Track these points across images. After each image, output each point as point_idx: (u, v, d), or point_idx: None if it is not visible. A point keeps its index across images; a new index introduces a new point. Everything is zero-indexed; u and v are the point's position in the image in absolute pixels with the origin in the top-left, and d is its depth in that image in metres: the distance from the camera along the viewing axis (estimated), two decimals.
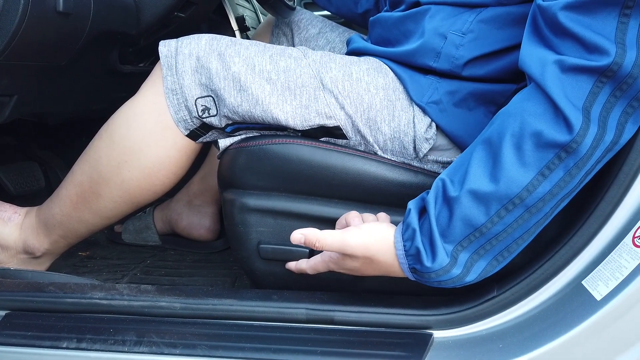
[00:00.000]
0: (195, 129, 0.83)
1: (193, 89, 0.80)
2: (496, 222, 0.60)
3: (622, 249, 0.61)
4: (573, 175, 0.58)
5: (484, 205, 0.59)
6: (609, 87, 0.56)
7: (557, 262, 0.65)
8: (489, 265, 0.62)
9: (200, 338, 0.68)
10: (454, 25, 0.77)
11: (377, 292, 0.78)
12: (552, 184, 0.58)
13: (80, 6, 0.84)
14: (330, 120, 0.79)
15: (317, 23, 1.17)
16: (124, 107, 0.85)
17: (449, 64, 0.77)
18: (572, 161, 0.57)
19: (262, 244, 0.79)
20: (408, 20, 0.84)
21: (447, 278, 0.62)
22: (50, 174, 1.39)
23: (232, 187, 0.81)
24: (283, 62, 0.79)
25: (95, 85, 1.09)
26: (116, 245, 1.25)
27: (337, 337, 0.68)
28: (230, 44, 0.81)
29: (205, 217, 1.21)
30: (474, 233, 0.61)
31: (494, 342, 0.65)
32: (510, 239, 0.61)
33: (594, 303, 0.61)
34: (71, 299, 0.74)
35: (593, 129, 0.56)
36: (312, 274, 0.73)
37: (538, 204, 0.59)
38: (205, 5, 1.14)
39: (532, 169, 0.58)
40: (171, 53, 0.81)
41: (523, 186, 0.58)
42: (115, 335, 0.68)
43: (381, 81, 0.80)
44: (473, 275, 0.62)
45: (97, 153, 0.86)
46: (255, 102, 0.78)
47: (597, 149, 0.57)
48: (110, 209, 0.89)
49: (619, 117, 0.57)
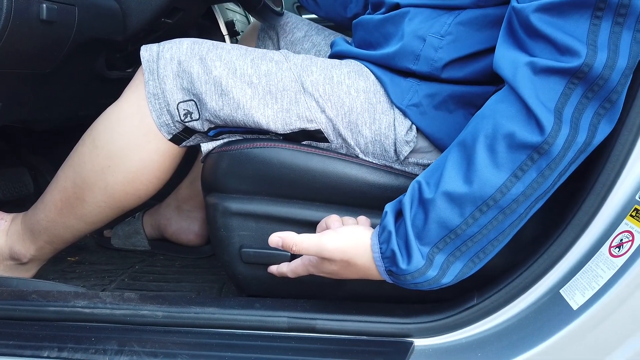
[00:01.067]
0: (178, 133, 0.83)
1: (175, 93, 0.80)
2: (471, 224, 0.60)
3: (599, 258, 0.61)
4: (546, 176, 0.58)
5: (458, 207, 0.60)
6: (581, 88, 0.56)
7: (536, 270, 0.65)
8: (465, 267, 0.63)
9: (181, 347, 0.68)
10: (433, 27, 0.78)
11: (359, 297, 0.78)
12: (525, 185, 0.58)
13: (65, 14, 0.84)
14: (312, 124, 0.79)
15: (302, 26, 1.17)
16: (106, 113, 0.86)
17: (428, 66, 0.77)
18: (545, 162, 0.57)
19: (244, 248, 0.79)
20: (388, 23, 0.84)
21: (423, 280, 0.62)
22: (40, 179, 1.39)
23: (214, 191, 0.82)
24: (264, 65, 0.80)
25: (82, 91, 1.09)
26: (105, 250, 1.25)
27: (318, 345, 0.69)
28: (211, 48, 0.81)
29: (194, 222, 1.22)
30: (449, 235, 0.61)
31: (473, 351, 0.65)
32: (485, 240, 0.61)
33: (570, 312, 0.61)
34: (54, 307, 0.74)
35: (565, 130, 0.56)
36: (293, 277, 0.73)
37: (512, 205, 0.59)
38: (193, 11, 1.14)
39: (505, 171, 0.58)
40: (153, 57, 0.81)
41: (496, 188, 0.58)
42: (97, 344, 0.68)
43: (362, 84, 0.80)
44: (449, 277, 0.63)
45: (80, 158, 0.87)
46: (237, 106, 0.78)
47: (570, 150, 0.57)
48: (95, 214, 0.89)
49: (591, 118, 0.57)
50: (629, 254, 0.59)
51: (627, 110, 0.60)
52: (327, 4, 1.24)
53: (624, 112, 0.60)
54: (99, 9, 0.92)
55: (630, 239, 0.59)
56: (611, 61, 0.54)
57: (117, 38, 0.99)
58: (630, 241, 0.59)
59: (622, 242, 0.60)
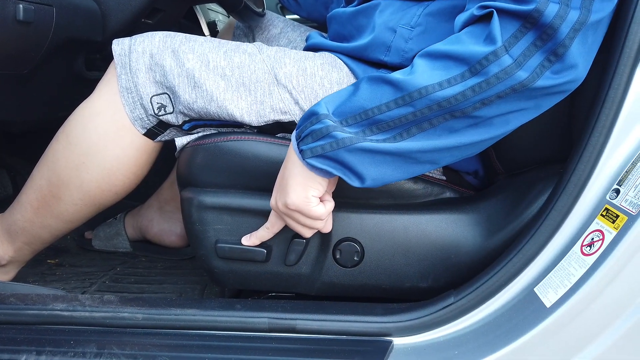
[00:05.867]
0: (152, 127, 0.83)
1: (148, 87, 0.80)
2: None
3: (571, 257, 0.63)
4: (467, 96, 0.58)
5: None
6: (532, 34, 0.56)
7: (511, 269, 0.66)
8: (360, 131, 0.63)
9: (161, 349, 0.68)
10: (403, 19, 0.79)
11: (336, 287, 0.79)
12: (447, 95, 0.58)
13: (42, 14, 0.83)
14: (285, 116, 0.80)
15: (278, 23, 1.17)
16: (79, 109, 0.85)
17: (399, 57, 0.78)
18: (476, 80, 0.57)
19: (219, 243, 0.79)
20: (360, 15, 0.85)
21: (321, 126, 0.63)
22: (19, 180, 1.37)
23: (189, 185, 0.82)
24: (237, 57, 0.80)
25: (61, 92, 1.08)
26: (86, 252, 1.24)
27: (298, 345, 0.69)
28: (184, 40, 0.81)
29: (176, 223, 1.21)
30: (360, 114, 0.63)
31: (451, 349, 0.66)
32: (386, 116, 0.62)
33: (543, 310, 0.62)
34: (32, 310, 0.74)
35: (507, 59, 0.56)
36: (271, 236, 0.75)
37: (424, 110, 0.60)
38: (173, 12, 1.14)
39: (435, 77, 0.59)
40: (124, 51, 0.81)
41: (421, 86, 0.59)
42: (76, 347, 0.68)
43: (335, 76, 0.81)
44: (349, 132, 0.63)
45: (54, 156, 0.86)
46: (210, 98, 0.78)
47: (504, 80, 0.57)
48: (71, 213, 0.88)
49: (536, 65, 0.57)
50: (600, 252, 0.60)
51: (597, 114, 0.61)
52: (308, 4, 1.25)
53: (594, 115, 0.61)
54: (77, 9, 0.92)
55: (600, 238, 0.61)
56: (562, 12, 0.55)
57: (96, 39, 0.99)
58: (601, 240, 0.61)
59: (593, 241, 0.61)
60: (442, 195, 0.80)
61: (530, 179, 0.76)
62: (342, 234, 0.77)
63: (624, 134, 0.62)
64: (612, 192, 0.62)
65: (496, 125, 0.61)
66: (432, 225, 0.76)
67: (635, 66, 0.60)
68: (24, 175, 1.38)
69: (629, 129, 0.61)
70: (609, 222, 0.61)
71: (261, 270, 0.79)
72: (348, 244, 0.77)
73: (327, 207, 0.70)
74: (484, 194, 0.80)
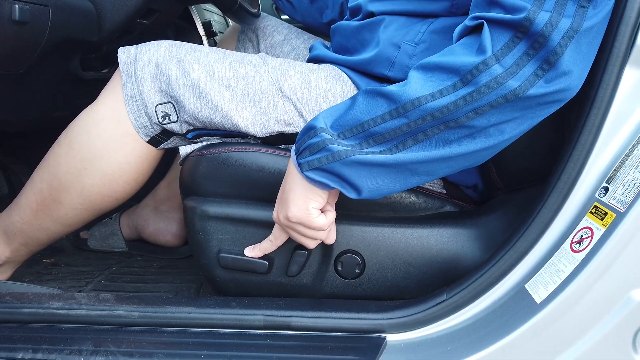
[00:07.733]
0: (156, 135, 0.84)
1: (153, 96, 0.80)
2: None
3: (561, 253, 0.64)
4: (459, 105, 0.58)
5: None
6: (524, 44, 0.56)
7: (502, 266, 0.67)
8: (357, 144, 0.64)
9: (157, 346, 0.68)
10: (407, 35, 0.80)
11: (335, 296, 0.80)
12: (440, 105, 0.59)
13: (38, 14, 0.83)
14: (289, 127, 0.80)
15: (282, 29, 1.18)
16: (83, 114, 0.85)
17: (402, 73, 0.79)
18: (467, 90, 0.58)
19: (222, 253, 0.80)
20: (364, 30, 0.86)
21: (318, 139, 0.64)
22: (14, 180, 1.37)
23: (193, 195, 0.82)
24: (242, 69, 0.81)
25: (57, 92, 1.08)
26: (82, 252, 1.24)
27: (293, 342, 0.70)
28: (190, 50, 0.82)
29: (171, 222, 1.22)
30: (356, 127, 0.64)
31: (444, 345, 0.67)
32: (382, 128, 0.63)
33: (534, 306, 0.63)
34: (28, 309, 0.74)
35: (497, 68, 0.57)
36: (274, 248, 0.76)
37: (417, 120, 0.61)
38: (169, 12, 1.14)
39: (428, 88, 0.60)
40: (130, 60, 0.81)
41: (414, 97, 0.60)
42: (72, 345, 0.68)
43: (339, 89, 0.81)
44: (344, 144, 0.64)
45: (56, 160, 0.86)
46: (215, 108, 0.79)
47: (495, 90, 0.57)
48: (71, 217, 0.89)
49: (528, 75, 0.57)
50: (589, 249, 0.61)
51: (586, 113, 0.62)
52: (303, 7, 1.25)
53: (583, 114, 0.62)
54: (73, 10, 0.92)
55: (589, 235, 0.62)
56: (554, 20, 0.55)
57: (92, 39, 0.99)
58: (590, 237, 0.62)
59: (583, 238, 0.62)
60: (442, 208, 0.81)
61: (530, 195, 0.76)
62: (344, 246, 0.78)
63: (612, 133, 0.63)
64: (601, 190, 0.63)
65: (491, 135, 0.61)
66: (433, 239, 0.77)
67: (623, 65, 0.61)
68: (19, 175, 1.38)
69: (617, 128, 0.63)
70: (598, 219, 0.62)
71: (263, 281, 0.80)
72: (349, 256, 0.78)
73: (329, 217, 0.71)
74: (485, 208, 0.81)
